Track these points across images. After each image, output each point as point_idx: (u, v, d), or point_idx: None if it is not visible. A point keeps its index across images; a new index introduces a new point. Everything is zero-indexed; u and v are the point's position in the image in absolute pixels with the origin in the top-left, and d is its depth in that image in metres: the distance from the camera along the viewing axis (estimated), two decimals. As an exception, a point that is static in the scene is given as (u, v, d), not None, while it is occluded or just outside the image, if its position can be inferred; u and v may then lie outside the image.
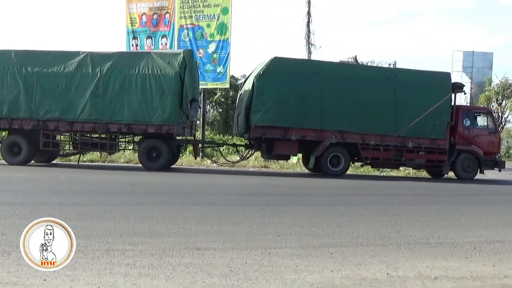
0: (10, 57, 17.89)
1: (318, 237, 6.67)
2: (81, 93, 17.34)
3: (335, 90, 17.73)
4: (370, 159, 18.42)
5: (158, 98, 17.21)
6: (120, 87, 17.31)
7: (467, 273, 5.14)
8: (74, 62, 17.59)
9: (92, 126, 17.60)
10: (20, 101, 17.53)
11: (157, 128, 17.33)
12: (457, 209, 10.49)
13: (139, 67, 17.37)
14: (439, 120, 18.21)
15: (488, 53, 47.70)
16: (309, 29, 30.99)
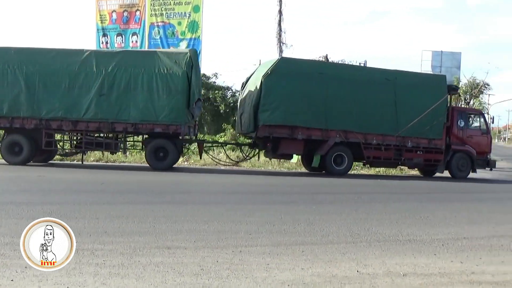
0: (10, 55, 17.40)
1: (289, 235, 6.69)
2: (86, 92, 16.99)
3: (339, 90, 18.04)
4: (372, 158, 18.75)
5: (165, 97, 17.02)
6: (126, 86, 17.03)
7: (435, 270, 5.21)
8: (77, 60, 17.24)
9: (97, 126, 17.29)
10: (21, 100, 17.03)
11: (164, 127, 17.19)
12: (426, 207, 10.65)
13: (146, 66, 17.18)
14: (436, 121, 18.73)
15: (456, 53, 48.39)
16: (280, 28, 31.01)
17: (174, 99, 17.03)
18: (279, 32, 31.07)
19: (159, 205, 9.09)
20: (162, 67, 17.11)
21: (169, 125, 17.08)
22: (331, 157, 18.08)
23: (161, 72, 17.07)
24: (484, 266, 5.46)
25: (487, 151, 20.50)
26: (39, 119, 17.02)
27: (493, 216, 9.64)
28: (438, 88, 19.11)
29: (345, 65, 19.81)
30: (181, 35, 24.53)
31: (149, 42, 24.70)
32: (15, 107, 17.00)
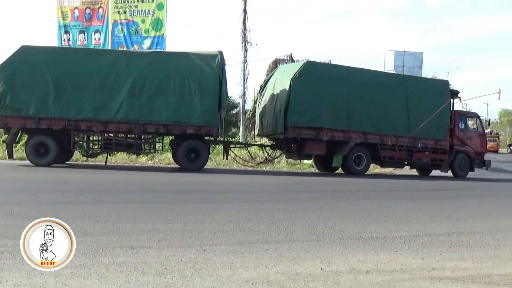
0: (38, 54, 17.11)
1: (254, 233, 6.70)
2: (116, 92, 16.85)
3: (359, 93, 18.87)
4: (387, 159, 19.63)
5: (198, 99, 17.06)
6: (158, 87, 16.99)
7: (397, 266, 5.29)
8: (107, 60, 17.20)
9: (128, 127, 17.23)
10: (49, 101, 16.65)
11: (197, 129, 17.34)
12: (389, 205, 10.81)
13: (178, 67, 17.21)
14: (442, 123, 19.99)
15: (418, 53, 49.15)
16: (245, 27, 30.98)
17: (206, 100, 17.12)
18: (243, 30, 31.04)
19: (123, 204, 9.00)
20: (194, 69, 17.20)
21: (202, 126, 17.28)
22: (351, 157, 18.92)
23: (193, 73, 17.14)
24: (444, 262, 5.56)
25: (483, 151, 22.14)
26: (68, 120, 16.75)
27: (453, 213, 9.82)
28: (442, 92, 20.45)
29: (364, 69, 20.54)
30: (145, 33, 24.34)
31: (112, 40, 24.44)
32: (43, 108, 16.64)
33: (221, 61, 17.49)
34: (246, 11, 31.10)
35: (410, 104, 19.60)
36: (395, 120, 19.45)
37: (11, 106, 16.50)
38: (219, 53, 17.63)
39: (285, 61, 34.33)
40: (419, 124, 19.20)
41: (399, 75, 21.68)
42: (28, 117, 16.57)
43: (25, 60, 16.69)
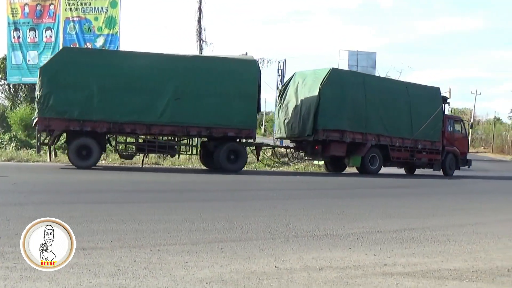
0: (81, 56, 17.14)
1: (209, 232, 6.68)
2: (160, 95, 17.09)
3: (374, 98, 20.48)
4: (395, 159, 21.34)
5: (238, 102, 17.67)
6: (200, 91, 17.38)
7: (350, 263, 5.36)
8: (152, 63, 17.36)
9: (172, 129, 17.60)
10: (93, 103, 16.62)
11: (237, 131, 18.08)
12: (343, 202, 10.96)
13: (219, 71, 17.78)
14: (436, 126, 22.12)
15: (372, 53, 49.95)
16: (200, 25, 30.88)
17: (246, 104, 17.87)
18: (199, 29, 30.93)
19: (75, 204, 8.84)
20: (235, 73, 17.84)
21: (242, 129, 18.03)
22: (368, 158, 20.37)
23: (234, 77, 17.77)
24: (396, 258, 5.67)
25: (466, 151, 24.45)
26: (112, 122, 16.82)
27: (405, 210, 10.05)
28: (436, 98, 22.61)
29: (375, 76, 23.62)
30: (98, 31, 23.96)
31: (64, 38, 23.96)
32: (87, 110, 16.60)
33: (258, 66, 18.57)
34: (201, 10, 31.00)
35: (412, 108, 21.51)
36: (401, 123, 21.25)
37: (55, 108, 16.35)
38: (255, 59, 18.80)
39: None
40: (419, 127, 21.21)
41: (402, 82, 23.61)
42: (72, 119, 16.50)
43: (68, 61, 16.62)
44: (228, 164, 18.12)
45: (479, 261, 5.66)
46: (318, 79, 19.55)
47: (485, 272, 5.20)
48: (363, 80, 20.90)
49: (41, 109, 16.33)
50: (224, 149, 18.14)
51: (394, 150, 21.06)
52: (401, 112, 21.34)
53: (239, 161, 18.40)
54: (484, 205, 11.80)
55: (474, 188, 17.95)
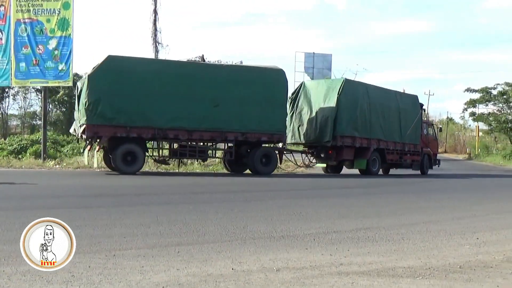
0: (126, 64, 17.62)
1: (165, 236, 6.62)
2: (201, 102, 17.98)
3: (375, 106, 22.43)
4: (389, 161, 23.42)
5: (270, 109, 19.01)
6: (237, 98, 18.43)
7: (307, 263, 5.39)
8: (193, 72, 18.48)
9: (211, 135, 18.53)
10: (138, 110, 17.30)
11: (270, 136, 19.43)
12: (300, 203, 11.02)
13: (253, 80, 18.99)
14: (418, 131, 24.79)
15: (328, 55, 50.64)
16: (155, 27, 30.69)
17: (278, 110, 19.31)
18: (154, 31, 30.75)
19: (26, 211, 8.62)
20: (267, 82, 19.19)
21: (274, 134, 19.36)
22: (370, 160, 22.16)
23: (267, 86, 19.06)
24: (352, 257, 5.73)
25: (437, 152, 27.66)
26: (156, 128, 17.53)
27: (361, 210, 10.17)
28: (416, 105, 25.29)
29: (376, 86, 24.59)
30: (50, 33, 23.45)
31: (15, 40, 23.38)
32: (132, 116, 17.22)
33: (285, 75, 19.79)
34: (157, 12, 30.84)
35: (401, 115, 23.81)
36: (393, 129, 23.42)
37: (103, 115, 16.84)
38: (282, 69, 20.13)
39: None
40: (406, 132, 23.83)
41: (392, 90, 25.48)
42: (119, 126, 17.09)
43: (113, 69, 17.14)
44: (262, 167, 19.42)
45: (432, 259, 5.78)
46: (332, 89, 21.20)
47: (438, 269, 5.31)
48: (367, 89, 22.66)
49: (89, 116, 16.72)
50: (258, 153, 19.50)
51: (389, 153, 23.18)
52: (394, 119, 23.53)
53: (271, 164, 19.80)
54: (437, 203, 12.05)
55: (429, 187, 18.33)
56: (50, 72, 23.39)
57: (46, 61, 23.31)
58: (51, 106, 40.17)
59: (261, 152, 19.61)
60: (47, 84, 24.22)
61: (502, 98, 53.67)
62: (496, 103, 55.14)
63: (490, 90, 54.69)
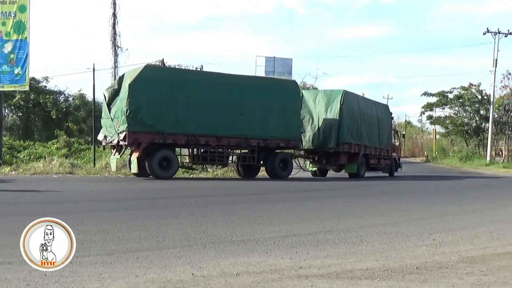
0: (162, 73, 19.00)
1: (124, 242, 6.54)
2: (228, 111, 19.18)
3: (363, 115, 24.49)
4: (372, 165, 25.40)
5: (288, 117, 20.48)
6: (259, 107, 19.86)
7: (267, 267, 5.40)
8: (221, 82, 19.58)
9: (237, 141, 19.75)
10: (174, 117, 18.22)
11: (287, 142, 20.81)
12: (260, 207, 11.05)
13: (273, 90, 20.51)
14: (389, 137, 27.57)
15: (288, 59, 50.72)
16: (115, 31, 30.39)
17: (294, 118, 20.74)
18: (113, 35, 30.45)
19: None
20: (285, 91, 20.75)
21: (291, 140, 20.76)
22: (359, 165, 23.95)
23: (284, 95, 20.56)
24: (311, 260, 5.77)
25: (400, 156, 30.82)
26: (189, 135, 18.51)
27: (321, 213, 10.25)
28: (388, 113, 28.43)
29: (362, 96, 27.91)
30: (6, 36, 22.97)
31: (-32, 43, 22.81)
32: (169, 124, 18.16)
33: (298, 86, 21.85)
34: (116, 15, 30.54)
35: (379, 123, 26.08)
36: (374, 136, 25.43)
37: (143, 122, 17.68)
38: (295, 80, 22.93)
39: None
40: (383, 138, 26.32)
41: (372, 100, 28.12)
42: (156, 132, 17.93)
43: (151, 78, 18.00)
44: (280, 171, 20.78)
45: (390, 260, 5.86)
46: (333, 99, 22.86)
47: (396, 271, 5.40)
48: (357, 100, 24.96)
49: (131, 124, 17.48)
50: (277, 158, 20.92)
51: (371, 158, 25.23)
52: (375, 126, 25.63)
53: (287, 168, 21.30)
54: (395, 205, 12.23)
55: (387, 189, 18.60)
56: (5, 76, 22.91)
57: (2, 65, 22.83)
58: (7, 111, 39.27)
59: (280, 157, 21.01)
60: (2, 88, 23.70)
61: (458, 101, 54.93)
62: (452, 107, 56.42)
63: (446, 94, 55.91)
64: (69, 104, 40.01)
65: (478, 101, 52.87)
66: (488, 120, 47.21)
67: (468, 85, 53.83)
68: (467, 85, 53.91)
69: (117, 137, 17.97)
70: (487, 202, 13.55)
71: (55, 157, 23.43)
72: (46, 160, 22.84)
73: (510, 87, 47.39)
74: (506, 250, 6.65)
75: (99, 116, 21.47)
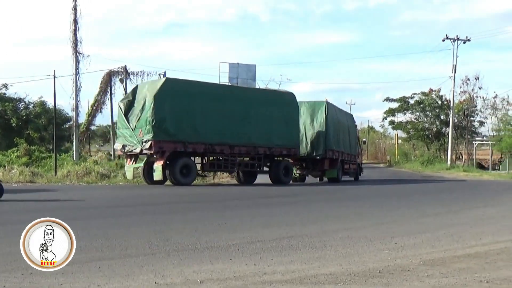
0: (182, 86, 19.65)
1: (86, 251, 6.43)
2: (239, 121, 20.55)
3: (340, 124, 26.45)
4: (346, 169, 27.23)
5: (288, 127, 22.17)
6: (266, 117, 21.43)
7: (231, 274, 5.39)
8: (234, 94, 21.44)
9: (247, 149, 21.14)
10: (194, 127, 19.41)
11: (288, 150, 22.46)
12: (225, 214, 11.01)
13: (276, 102, 22.26)
14: (356, 144, 29.90)
15: (251, 65, 50.66)
16: (76, 37, 29.94)
17: (293, 128, 22.54)
18: (74, 41, 29.99)
19: None
20: (286, 103, 22.42)
21: (291, 148, 22.44)
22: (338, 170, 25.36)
23: (286, 107, 22.33)
24: (275, 266, 5.79)
25: (362, 162, 33.00)
26: (207, 144, 19.71)
27: (285, 219, 10.29)
28: (353, 121, 30.89)
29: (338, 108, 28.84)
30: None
31: None
32: (189, 133, 19.28)
33: (296, 98, 22.90)
34: (77, 21, 30.08)
35: (350, 130, 28.36)
36: (347, 143, 27.29)
37: (167, 132, 18.80)
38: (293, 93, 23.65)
39: (119, 73, 33.68)
40: (352, 145, 28.47)
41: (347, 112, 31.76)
42: (178, 141, 19.00)
43: (173, 90, 19.13)
44: (284, 178, 22.32)
45: (353, 265, 5.92)
46: (318, 110, 24.11)
47: (359, 275, 5.45)
48: (335, 109, 26.43)
49: (156, 133, 18.47)
50: (281, 165, 22.48)
51: (345, 163, 26.92)
52: (346, 134, 27.41)
53: (289, 175, 22.90)
54: (359, 210, 12.38)
55: (350, 194, 18.79)
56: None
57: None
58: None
59: (283, 164, 22.59)
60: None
61: (419, 107, 55.83)
62: (413, 112, 57.26)
63: (407, 100, 56.79)
64: (30, 112, 39.22)
65: (438, 106, 53.85)
66: (448, 125, 48.07)
67: (428, 91, 54.76)
68: (428, 90, 54.87)
69: (140, 146, 18.80)
70: (447, 206, 13.81)
71: (15, 166, 22.94)
72: (6, 168, 22.37)
73: (469, 92, 48.38)
74: (466, 253, 6.79)
75: (60, 124, 21.19)
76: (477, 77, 46.80)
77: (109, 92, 34.52)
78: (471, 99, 47.87)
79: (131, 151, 19.38)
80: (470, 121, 50.92)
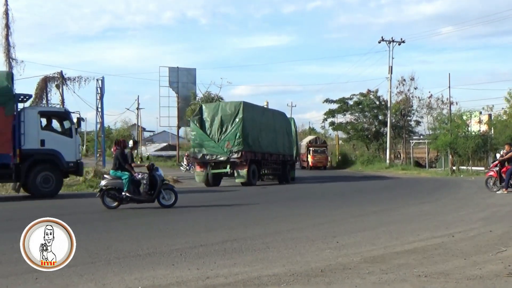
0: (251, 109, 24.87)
1: (21, 263, 6.11)
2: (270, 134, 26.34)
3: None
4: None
5: (290, 138, 29.27)
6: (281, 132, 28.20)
7: (173, 279, 5.32)
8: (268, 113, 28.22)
9: (276, 157, 26.66)
10: (258, 140, 24.91)
11: (290, 157, 28.81)
12: (166, 219, 10.88)
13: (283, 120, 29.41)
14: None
15: (191, 69, 50.62)
16: (8, 43, 29.02)
17: (293, 140, 29.69)
18: (7, 47, 29.07)
19: None
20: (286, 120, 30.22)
21: (291, 155, 28.97)
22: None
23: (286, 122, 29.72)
24: (219, 269, 5.76)
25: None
26: (261, 153, 25.09)
27: (227, 222, 10.27)
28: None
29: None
30: None
31: None
32: (257, 145, 24.72)
33: None
34: (9, 26, 29.16)
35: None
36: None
37: (249, 144, 23.88)
38: None
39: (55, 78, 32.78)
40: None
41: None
42: (253, 151, 24.16)
43: (249, 111, 24.29)
44: (289, 178, 27.79)
45: (295, 265, 5.95)
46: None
47: (301, 275, 5.49)
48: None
49: (245, 145, 23.41)
50: (288, 168, 28.05)
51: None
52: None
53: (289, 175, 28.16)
54: (300, 211, 12.47)
55: (291, 195, 18.93)
56: None
57: None
58: None
59: (288, 168, 28.02)
60: None
61: (358, 107, 56.85)
62: (352, 113, 58.23)
63: (347, 101, 57.76)
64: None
65: (376, 106, 54.99)
66: (387, 125, 49.21)
67: (366, 92, 55.84)
68: (366, 91, 55.96)
69: (227, 155, 23.29)
70: (386, 204, 14.12)
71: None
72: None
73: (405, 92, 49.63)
74: (404, 249, 6.95)
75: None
76: (412, 78, 47.93)
77: (45, 98, 33.58)
78: (407, 99, 49.01)
79: (214, 159, 23.63)
80: (407, 120, 52.16)
